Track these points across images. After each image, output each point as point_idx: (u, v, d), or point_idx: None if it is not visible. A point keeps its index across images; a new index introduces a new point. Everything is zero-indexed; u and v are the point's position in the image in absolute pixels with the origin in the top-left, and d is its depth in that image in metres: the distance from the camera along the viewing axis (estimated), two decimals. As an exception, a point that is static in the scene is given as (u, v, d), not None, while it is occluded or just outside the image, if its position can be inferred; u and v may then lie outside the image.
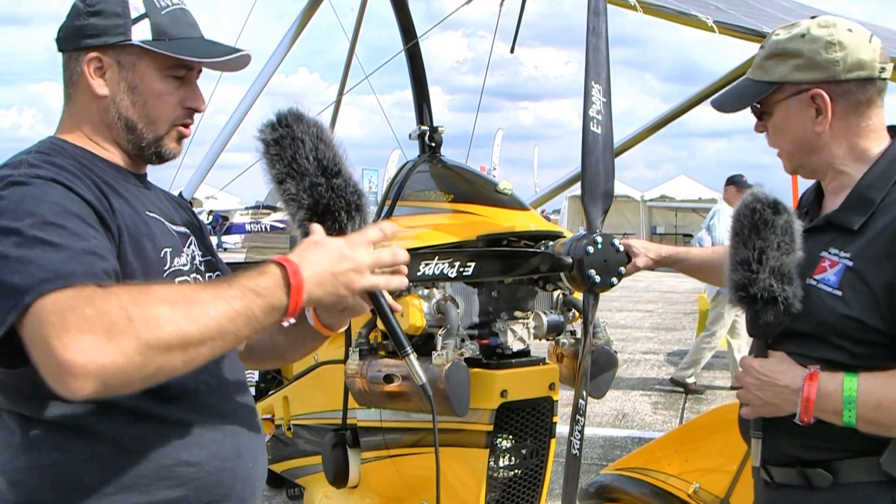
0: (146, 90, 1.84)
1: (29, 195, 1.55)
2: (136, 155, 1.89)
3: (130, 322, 1.37)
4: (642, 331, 14.53)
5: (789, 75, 2.06)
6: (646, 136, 4.75)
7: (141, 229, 1.74)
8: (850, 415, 1.89)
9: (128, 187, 1.83)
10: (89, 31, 1.80)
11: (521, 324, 3.13)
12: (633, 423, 8.17)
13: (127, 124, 1.85)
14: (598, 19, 2.70)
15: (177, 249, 1.83)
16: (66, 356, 1.32)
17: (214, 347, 1.47)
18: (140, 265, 1.69)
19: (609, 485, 3.65)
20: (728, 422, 3.52)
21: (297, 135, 1.77)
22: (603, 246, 2.70)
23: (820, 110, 2.03)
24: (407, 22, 4.40)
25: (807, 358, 1.99)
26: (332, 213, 1.76)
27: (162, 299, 1.43)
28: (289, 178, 1.77)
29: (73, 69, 1.84)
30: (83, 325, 1.35)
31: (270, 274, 1.54)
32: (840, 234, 2.02)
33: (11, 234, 1.48)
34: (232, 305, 1.47)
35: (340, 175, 1.79)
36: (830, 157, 2.08)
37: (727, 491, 3.31)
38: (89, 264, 1.48)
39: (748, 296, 1.99)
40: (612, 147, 2.72)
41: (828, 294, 1.97)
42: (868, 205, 2.00)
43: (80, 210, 1.59)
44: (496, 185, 3.32)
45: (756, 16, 4.17)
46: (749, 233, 1.98)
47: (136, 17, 1.82)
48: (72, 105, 1.87)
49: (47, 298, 1.39)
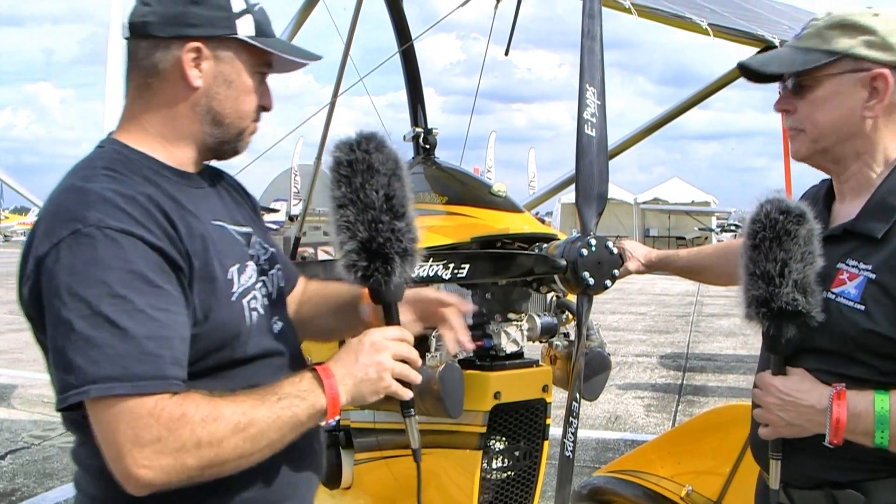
0: (241, 85, 1.83)
1: (97, 257, 1.54)
2: (213, 149, 1.87)
3: (198, 448, 1.52)
4: (635, 333, 14.55)
5: (856, 48, 1.91)
6: (639, 139, 4.77)
7: (209, 250, 1.73)
8: (883, 435, 1.78)
9: (192, 195, 1.80)
10: (192, 19, 1.75)
11: (514, 326, 3.13)
12: (626, 426, 8.19)
13: (215, 118, 1.82)
14: (592, 22, 2.70)
15: (242, 262, 1.83)
16: (137, 472, 1.49)
17: (263, 456, 1.64)
18: (209, 293, 1.71)
19: (602, 487, 3.66)
20: (721, 424, 3.54)
21: (373, 163, 1.74)
22: (597, 248, 2.69)
23: (875, 94, 1.91)
24: (402, 23, 4.40)
25: (828, 374, 1.88)
26: (385, 255, 1.75)
27: (227, 423, 1.56)
28: (351, 204, 1.74)
29: (160, 57, 1.76)
30: (156, 445, 1.49)
31: (307, 378, 1.68)
32: (859, 245, 1.92)
33: (79, 303, 1.51)
34: (282, 419, 1.62)
35: (404, 218, 1.77)
36: (864, 149, 1.96)
37: (720, 493, 3.32)
38: (156, 364, 1.53)
39: (769, 310, 1.87)
40: (607, 149, 2.72)
41: (849, 308, 1.86)
42: (891, 212, 1.90)
43: (149, 266, 1.58)
44: (490, 187, 3.32)
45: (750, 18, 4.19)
46: (770, 245, 1.84)
47: (239, 11, 1.79)
48: (150, 96, 1.80)
49: (130, 415, 1.49)
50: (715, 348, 12.93)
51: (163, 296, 1.58)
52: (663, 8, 3.61)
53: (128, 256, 1.56)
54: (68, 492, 6.12)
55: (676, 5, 3.69)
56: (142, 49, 1.78)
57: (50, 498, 6.01)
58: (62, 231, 1.57)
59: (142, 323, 1.53)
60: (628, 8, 3.41)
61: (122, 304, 1.52)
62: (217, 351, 1.73)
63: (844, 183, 2.04)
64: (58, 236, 1.57)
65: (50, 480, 6.38)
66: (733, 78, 4.21)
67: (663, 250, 3.01)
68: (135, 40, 1.79)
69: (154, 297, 1.57)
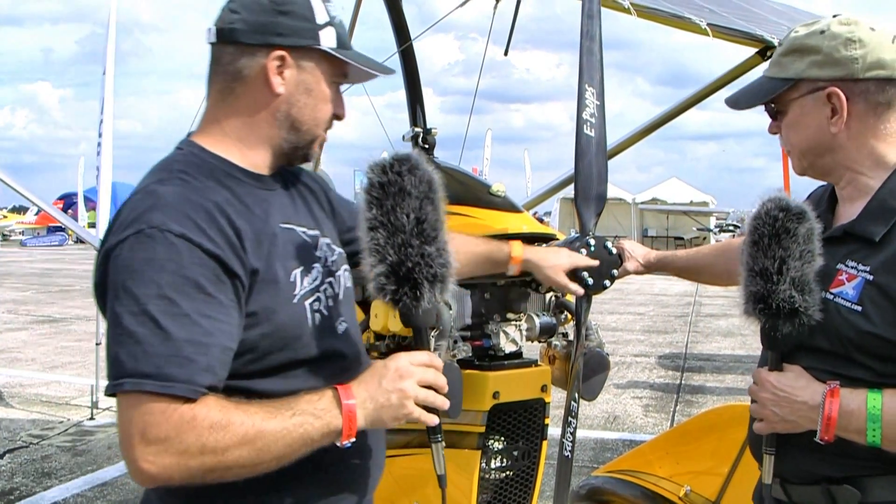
0: (319, 94, 1.89)
1: (154, 258, 1.61)
2: (288, 153, 1.93)
3: (202, 454, 1.57)
4: (633, 333, 14.55)
5: (806, 71, 1.98)
6: (638, 139, 4.76)
7: (273, 253, 1.79)
8: (875, 434, 1.79)
9: (263, 198, 1.86)
10: (279, 29, 1.82)
11: (513, 325, 3.14)
12: (624, 426, 8.19)
13: (293, 124, 1.88)
14: (591, 22, 2.70)
15: (308, 264, 1.88)
16: (142, 465, 1.56)
17: (270, 467, 1.66)
18: (271, 295, 1.77)
19: (600, 487, 3.66)
20: (719, 424, 3.55)
21: (405, 186, 1.76)
22: (596, 248, 2.69)
23: (836, 110, 1.95)
24: (401, 23, 4.40)
25: (826, 373, 1.89)
26: (414, 279, 1.76)
27: (234, 433, 1.59)
28: (382, 227, 1.75)
29: (245, 63, 1.83)
30: (161, 445, 1.55)
31: (326, 397, 1.70)
32: (859, 246, 1.93)
33: (130, 299, 1.59)
34: (293, 435, 1.65)
35: (435, 242, 1.77)
36: (847, 160, 2.00)
37: (718, 493, 3.32)
38: (188, 368, 1.58)
39: (766, 307, 1.89)
40: (606, 150, 2.72)
41: (847, 309, 1.88)
42: (890, 214, 1.91)
43: (203, 273, 1.64)
44: (489, 187, 3.32)
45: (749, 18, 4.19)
46: (769, 242, 1.88)
47: (323, 23, 1.86)
48: (232, 100, 1.86)
49: (145, 410, 1.56)
50: (713, 348, 12.94)
51: (211, 303, 1.64)
52: (662, 8, 3.61)
53: (183, 261, 1.62)
54: (66, 491, 6.12)
55: (675, 5, 3.69)
56: (227, 54, 1.85)
57: (48, 497, 6.00)
58: (128, 230, 1.65)
59: (184, 327, 1.59)
60: (627, 8, 3.41)
61: (168, 306, 1.59)
62: (280, 351, 1.79)
63: (842, 189, 2.07)
64: (124, 234, 1.65)
65: (48, 480, 6.37)
66: (732, 78, 4.21)
67: (662, 251, 3.01)
68: (220, 46, 1.86)
69: (202, 303, 1.62)
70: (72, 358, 11.63)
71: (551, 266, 2.59)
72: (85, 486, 6.25)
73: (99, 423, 8.04)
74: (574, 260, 2.61)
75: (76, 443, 7.34)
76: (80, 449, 7.16)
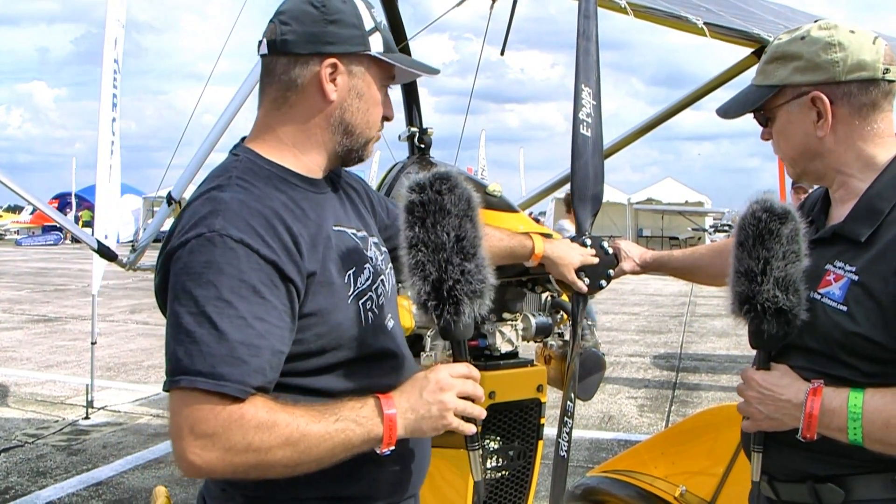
0: (371, 98, 1.96)
1: (214, 262, 1.68)
2: (342, 156, 1.99)
3: (246, 452, 1.64)
4: (628, 333, 14.57)
5: (789, 78, 2.01)
6: (633, 140, 4.75)
7: (328, 255, 1.86)
8: (856, 432, 1.80)
9: (317, 201, 1.93)
10: (330, 38, 1.88)
11: (509, 325, 3.14)
12: (620, 426, 8.20)
13: (347, 128, 1.94)
14: (588, 22, 2.70)
15: (360, 265, 1.95)
16: (189, 458, 1.63)
17: (310, 468, 1.72)
18: (326, 296, 1.83)
19: (595, 487, 3.66)
20: (714, 424, 3.55)
21: (445, 205, 1.79)
22: (592, 248, 2.70)
23: (821, 114, 1.98)
24: (396, 23, 4.40)
25: (813, 373, 1.92)
26: (454, 296, 1.79)
27: (279, 434, 1.66)
28: (423, 245, 1.78)
29: (298, 73, 1.89)
30: (209, 440, 1.62)
31: (369, 405, 1.76)
32: (846, 247, 1.95)
33: (190, 300, 1.66)
34: (335, 440, 1.70)
35: (475, 259, 1.81)
36: (836, 163, 2.01)
37: (713, 494, 3.32)
38: (241, 369, 1.64)
39: (751, 307, 1.92)
40: (602, 150, 2.72)
41: (833, 309, 1.90)
42: (876, 216, 1.92)
43: (259, 277, 1.70)
44: (485, 186, 3.32)
45: (745, 18, 4.19)
46: (753, 243, 1.91)
47: (370, 29, 1.93)
48: (287, 108, 1.92)
49: (197, 406, 1.63)
50: (708, 348, 12.96)
51: (266, 307, 1.70)
52: (659, 7, 3.61)
53: (241, 265, 1.69)
54: (61, 490, 6.12)
55: (672, 5, 3.69)
56: (280, 65, 1.91)
57: (43, 496, 5.99)
58: (190, 233, 1.72)
59: (239, 329, 1.65)
60: (624, 8, 3.41)
61: (226, 308, 1.65)
62: (335, 350, 1.86)
63: (835, 192, 2.09)
64: (186, 237, 1.72)
65: (43, 479, 6.36)
66: (727, 79, 4.20)
67: (657, 251, 3.01)
68: (272, 57, 1.92)
69: (257, 306, 1.68)
70: (67, 357, 11.61)
71: (566, 264, 2.68)
72: (80, 485, 6.25)
73: (94, 422, 8.03)
74: (585, 258, 2.70)
75: (71, 442, 7.33)
76: (76, 448, 7.15)
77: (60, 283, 22.76)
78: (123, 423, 8.02)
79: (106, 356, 11.02)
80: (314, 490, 1.85)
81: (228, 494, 1.89)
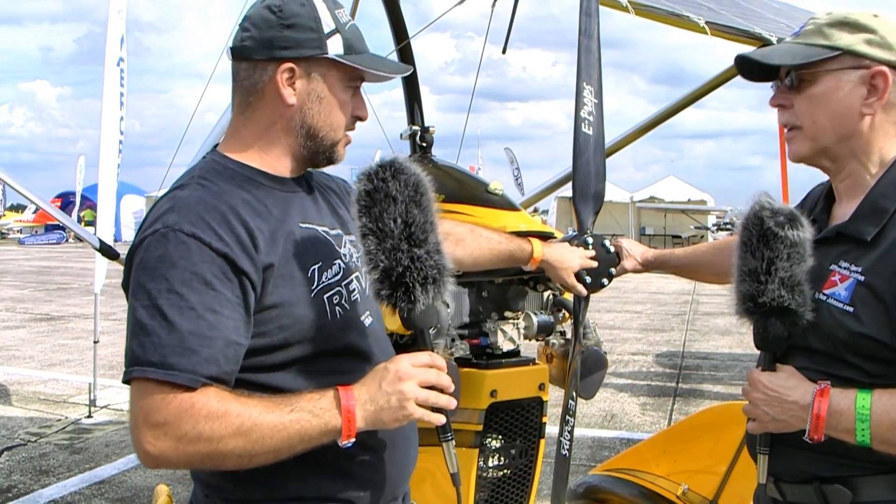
0: (332, 100, 1.96)
1: (167, 256, 1.72)
2: (309, 159, 2.01)
3: (198, 441, 1.66)
4: (631, 332, 14.56)
5: (857, 45, 1.92)
6: (635, 138, 4.76)
7: (290, 250, 1.87)
8: (864, 434, 1.78)
9: (283, 199, 1.94)
10: (285, 42, 1.89)
11: (511, 324, 3.14)
12: (622, 424, 8.19)
13: (309, 131, 1.96)
14: (589, 21, 2.70)
15: (328, 261, 1.95)
16: (144, 447, 1.67)
17: (267, 459, 1.73)
18: (287, 288, 1.84)
19: (597, 485, 3.66)
20: (716, 423, 3.55)
21: (390, 192, 1.78)
22: (594, 247, 2.70)
23: (874, 92, 1.92)
24: (398, 22, 4.40)
25: (818, 374, 1.89)
26: (406, 284, 1.78)
27: (230, 424, 1.67)
28: (372, 234, 1.77)
29: (258, 78, 1.92)
30: (161, 429, 1.65)
31: (327, 397, 1.75)
32: (852, 247, 1.93)
33: (144, 294, 1.70)
34: (289, 430, 1.70)
35: (425, 245, 1.79)
36: (861, 148, 1.97)
37: (716, 492, 3.32)
38: (191, 358, 1.67)
39: (756, 306, 1.89)
40: (604, 148, 2.72)
41: (839, 310, 1.87)
42: (881, 215, 1.90)
43: (210, 269, 1.72)
44: (487, 185, 3.32)
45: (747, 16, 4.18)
46: (757, 243, 1.89)
47: (329, 31, 1.92)
48: (250, 112, 1.96)
49: (150, 396, 1.66)
50: (711, 347, 12.95)
51: (218, 298, 1.72)
52: (661, 6, 3.61)
53: (193, 258, 1.72)
54: (64, 489, 6.12)
55: (674, 3, 3.69)
56: (242, 70, 1.95)
57: (46, 495, 6.00)
58: (147, 231, 1.77)
59: (189, 319, 1.68)
60: (625, 6, 3.41)
61: (177, 300, 1.68)
62: (299, 343, 1.86)
63: (840, 182, 2.05)
64: (144, 235, 1.77)
65: (46, 477, 6.37)
66: (728, 77, 4.21)
67: (660, 249, 3.01)
68: (236, 63, 1.96)
69: (209, 297, 1.71)
70: (69, 356, 11.63)
71: (565, 268, 2.69)
72: (82, 483, 6.26)
73: (97, 420, 8.04)
74: (584, 262, 2.69)
75: (74, 441, 7.33)
76: (78, 447, 7.16)
77: (63, 281, 22.79)
78: (126, 422, 7.99)
79: (108, 355, 11.01)
80: (293, 491, 1.87)
81: (211, 501, 1.92)
